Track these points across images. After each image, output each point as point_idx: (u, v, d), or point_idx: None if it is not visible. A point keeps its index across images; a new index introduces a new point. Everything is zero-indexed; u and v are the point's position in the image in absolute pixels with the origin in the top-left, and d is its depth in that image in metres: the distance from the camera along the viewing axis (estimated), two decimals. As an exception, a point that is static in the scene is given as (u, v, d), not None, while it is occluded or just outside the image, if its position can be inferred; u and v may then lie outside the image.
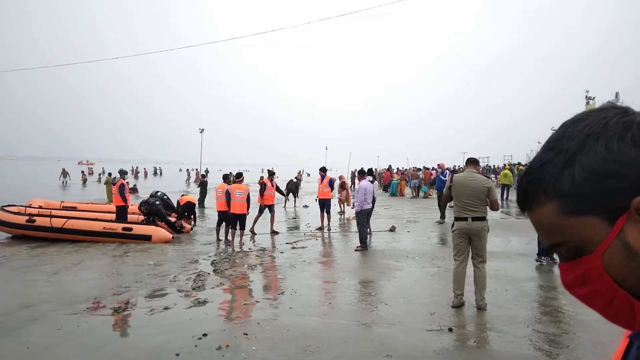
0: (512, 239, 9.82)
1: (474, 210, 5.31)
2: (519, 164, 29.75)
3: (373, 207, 11.39)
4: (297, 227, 13.13)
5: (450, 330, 4.65)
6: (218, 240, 10.67)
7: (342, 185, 15.89)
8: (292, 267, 7.83)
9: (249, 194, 10.07)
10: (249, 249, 9.65)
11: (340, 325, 4.92)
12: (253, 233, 11.24)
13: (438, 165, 18.51)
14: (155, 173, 56.90)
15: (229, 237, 10.25)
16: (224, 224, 10.71)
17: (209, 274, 7.42)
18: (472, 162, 5.73)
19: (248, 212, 10.12)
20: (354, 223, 13.06)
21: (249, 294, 6.35)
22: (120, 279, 7.15)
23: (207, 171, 36.60)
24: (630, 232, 0.52)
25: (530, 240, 9.88)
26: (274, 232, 11.51)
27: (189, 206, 12.09)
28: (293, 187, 19.43)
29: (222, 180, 11.40)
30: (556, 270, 6.29)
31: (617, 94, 40.90)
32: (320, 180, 12.16)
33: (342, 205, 16.08)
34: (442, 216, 13.23)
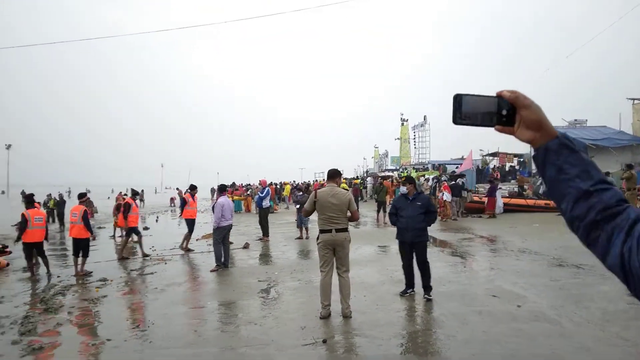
0: (361, 247, 10.53)
1: (337, 223, 5.54)
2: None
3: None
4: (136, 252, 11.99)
5: (324, 341, 4.72)
6: (77, 274, 8.90)
7: (118, 207, 14.39)
8: (144, 297, 7.09)
9: (83, 214, 8.95)
10: (87, 280, 8.45)
11: (212, 353, 4.59)
12: (124, 258, 10.46)
13: (260, 182, 18.36)
14: None
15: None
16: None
17: (39, 313, 6.25)
18: (332, 176, 5.97)
19: (93, 237, 9.05)
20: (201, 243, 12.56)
21: (96, 332, 5.51)
22: None
23: (22, 193, 30.91)
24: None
25: (377, 246, 10.79)
26: (144, 256, 10.59)
27: None
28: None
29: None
30: (401, 276, 6.81)
31: (425, 117, 47.42)
32: (192, 199, 11.70)
33: (116, 229, 15.03)
34: (266, 233, 12.95)
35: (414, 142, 48.27)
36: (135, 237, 11.19)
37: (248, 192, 25.34)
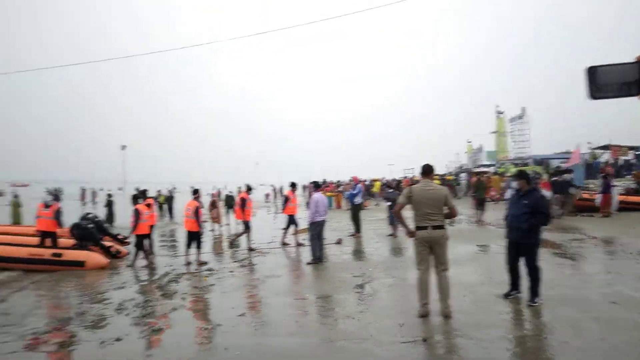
0: (457, 246, 10.16)
1: (434, 219, 5.39)
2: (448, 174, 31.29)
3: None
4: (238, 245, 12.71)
5: (424, 340, 4.64)
6: (188, 263, 9.71)
7: (213, 204, 16.54)
8: (247, 286, 7.52)
9: (195, 209, 9.74)
10: (195, 269, 9.15)
11: (313, 344, 4.74)
12: (232, 245, 11.80)
13: (351, 178, 18.14)
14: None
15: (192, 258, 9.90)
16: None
17: (157, 299, 6.90)
18: (426, 172, 5.78)
19: (202, 231, 9.97)
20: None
21: (207, 318, 5.98)
22: (56, 311, 6.45)
23: (137, 189, 34.30)
24: None
25: (475, 245, 10.35)
26: (251, 250, 11.22)
27: None
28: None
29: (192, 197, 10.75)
30: (503, 277, 6.42)
31: (523, 109, 44.54)
32: (292, 196, 12.45)
33: (214, 223, 16.51)
34: (357, 230, 13.06)
35: (511, 135, 45.59)
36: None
37: (339, 189, 25.66)
